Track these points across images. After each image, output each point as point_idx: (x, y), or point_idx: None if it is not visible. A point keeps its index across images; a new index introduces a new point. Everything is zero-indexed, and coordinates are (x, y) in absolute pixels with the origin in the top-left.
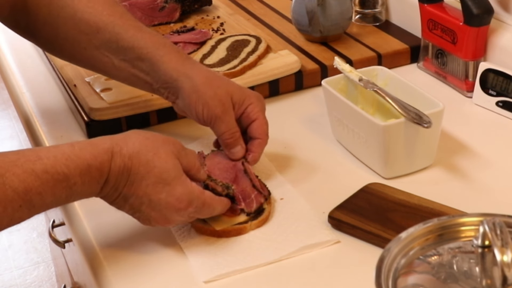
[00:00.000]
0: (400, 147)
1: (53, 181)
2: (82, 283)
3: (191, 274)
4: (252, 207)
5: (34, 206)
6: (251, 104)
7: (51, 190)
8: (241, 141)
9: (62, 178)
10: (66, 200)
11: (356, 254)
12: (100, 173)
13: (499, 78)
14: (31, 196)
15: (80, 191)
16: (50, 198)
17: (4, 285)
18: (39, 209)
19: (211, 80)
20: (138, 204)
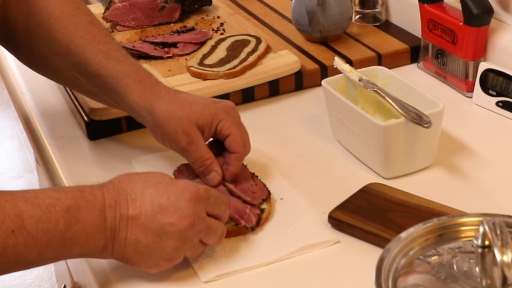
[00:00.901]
0: (400, 147)
1: (44, 204)
2: (82, 283)
3: (191, 274)
4: (252, 221)
5: (29, 233)
6: (220, 122)
7: (44, 214)
8: (214, 167)
9: (54, 202)
10: (65, 229)
11: (356, 254)
12: (94, 196)
13: (499, 78)
14: (23, 220)
15: (77, 217)
16: (45, 224)
17: (4, 285)
18: (36, 239)
19: (171, 113)
20: (152, 217)
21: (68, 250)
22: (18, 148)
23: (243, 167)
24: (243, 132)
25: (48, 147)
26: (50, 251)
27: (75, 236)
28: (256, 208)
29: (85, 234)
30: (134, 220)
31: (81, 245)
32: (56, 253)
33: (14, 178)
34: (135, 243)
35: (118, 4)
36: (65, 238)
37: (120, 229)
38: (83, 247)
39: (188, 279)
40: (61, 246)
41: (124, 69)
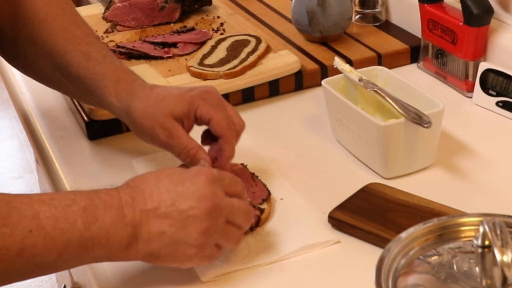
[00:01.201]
0: (400, 147)
1: (61, 205)
2: (82, 283)
3: (191, 274)
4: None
5: (47, 233)
6: (197, 109)
7: (61, 214)
8: (201, 155)
9: (70, 202)
10: (85, 229)
11: (356, 254)
12: (109, 196)
13: (499, 78)
14: (40, 219)
15: (96, 216)
16: (63, 224)
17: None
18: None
19: (146, 110)
20: (171, 205)
21: (89, 250)
22: (18, 148)
23: (243, 167)
24: (225, 114)
25: (48, 147)
26: (70, 251)
27: (95, 236)
28: (255, 209)
29: (105, 232)
30: (154, 212)
31: (102, 245)
32: (76, 254)
33: (14, 178)
34: (160, 235)
35: (118, 4)
36: (84, 237)
37: (141, 223)
38: (105, 247)
39: (188, 279)
40: (82, 246)
41: (102, 70)
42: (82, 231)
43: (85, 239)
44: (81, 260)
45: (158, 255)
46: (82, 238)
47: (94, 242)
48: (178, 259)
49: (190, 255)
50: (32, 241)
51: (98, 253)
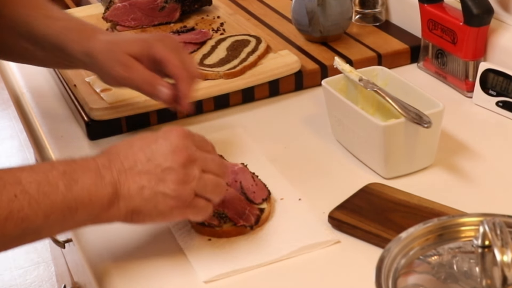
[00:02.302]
0: (400, 147)
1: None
2: (82, 283)
3: (191, 274)
4: (251, 221)
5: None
6: (152, 48)
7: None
8: (159, 82)
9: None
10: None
11: (356, 254)
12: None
13: (499, 78)
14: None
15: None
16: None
17: (4, 285)
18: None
19: (105, 49)
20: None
21: (73, 212)
22: (18, 148)
23: (243, 167)
24: (180, 57)
25: (48, 147)
26: (55, 214)
27: (77, 196)
28: (255, 208)
29: (86, 193)
30: (132, 170)
31: (85, 205)
32: (62, 216)
33: None
34: (139, 190)
35: (118, 4)
36: (67, 199)
37: (120, 182)
38: (88, 207)
39: (188, 279)
40: (66, 207)
41: (66, 24)
42: (64, 193)
43: (68, 200)
44: (67, 224)
45: (140, 211)
46: (65, 199)
47: (77, 203)
48: (159, 213)
49: (171, 206)
50: (18, 205)
51: (82, 215)
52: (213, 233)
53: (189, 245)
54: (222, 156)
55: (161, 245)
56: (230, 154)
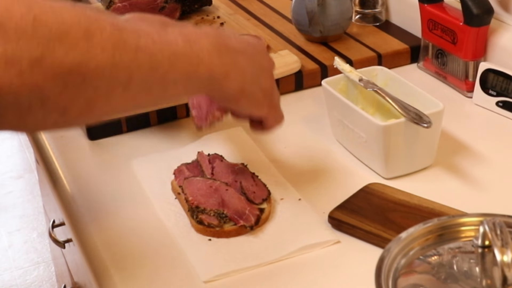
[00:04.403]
0: (400, 147)
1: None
2: (82, 283)
3: (191, 274)
4: (251, 221)
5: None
6: None
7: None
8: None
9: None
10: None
11: (356, 254)
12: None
13: (499, 78)
14: (144, 29)
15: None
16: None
17: (4, 285)
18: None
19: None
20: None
21: (195, 67)
22: (18, 148)
23: (243, 167)
24: None
25: (48, 147)
26: (180, 62)
27: (197, 54)
28: (255, 208)
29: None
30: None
31: (206, 64)
32: (186, 68)
33: (14, 178)
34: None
35: (118, 4)
36: (189, 53)
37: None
38: (209, 67)
39: (188, 279)
40: (188, 61)
41: None
42: (185, 47)
43: (190, 55)
44: (190, 80)
45: (246, 91)
46: (187, 53)
47: (199, 60)
48: (257, 101)
49: (265, 99)
50: (144, 41)
51: (203, 73)
52: (213, 233)
53: (189, 245)
54: (222, 156)
55: (161, 245)
56: (230, 154)
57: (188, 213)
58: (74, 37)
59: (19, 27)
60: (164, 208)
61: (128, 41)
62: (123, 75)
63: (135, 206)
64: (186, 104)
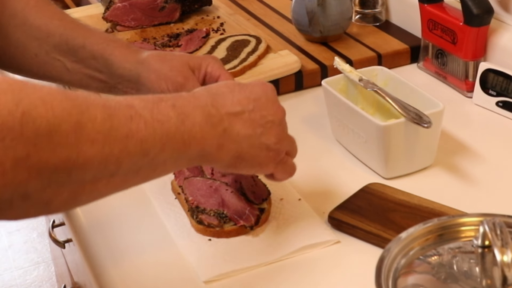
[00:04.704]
0: (400, 147)
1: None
2: (82, 283)
3: (191, 274)
4: (251, 221)
5: (147, 121)
6: (209, 65)
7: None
8: None
9: (158, 99)
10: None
11: (356, 254)
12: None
13: (499, 78)
14: (137, 110)
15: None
16: (158, 115)
17: (4, 285)
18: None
19: (163, 57)
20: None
21: (187, 146)
22: None
23: None
24: (231, 75)
25: None
26: (171, 143)
27: (190, 130)
28: (255, 208)
29: (198, 128)
30: (241, 116)
31: (198, 141)
32: (177, 148)
33: None
34: (248, 137)
35: (118, 4)
36: (181, 131)
37: (231, 125)
38: (200, 144)
39: (188, 279)
40: (180, 139)
41: (108, 36)
42: (177, 124)
43: (181, 133)
44: (180, 159)
45: (244, 157)
46: (179, 131)
47: (190, 137)
48: (259, 162)
49: (269, 158)
50: (135, 126)
51: (194, 151)
52: (213, 233)
53: (189, 245)
54: None
55: (161, 245)
56: None
57: (188, 213)
58: (64, 132)
59: (5, 124)
60: (164, 208)
61: (119, 129)
62: (112, 165)
63: (135, 206)
64: None
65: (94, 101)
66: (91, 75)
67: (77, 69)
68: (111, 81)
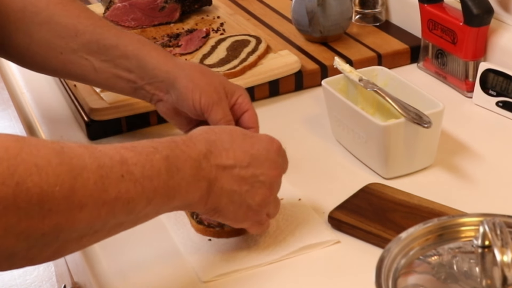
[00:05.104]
0: (400, 147)
1: (145, 152)
2: (82, 283)
3: (191, 274)
4: None
5: (137, 179)
6: (241, 96)
7: (146, 161)
8: None
9: (152, 150)
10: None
11: (356, 254)
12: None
13: (499, 78)
14: (129, 166)
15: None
16: (149, 171)
17: (4, 285)
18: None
19: (203, 70)
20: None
21: (171, 200)
22: None
23: None
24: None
25: None
26: (157, 199)
27: (177, 185)
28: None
29: (185, 183)
30: (231, 171)
31: (182, 195)
32: (161, 202)
33: None
34: (230, 192)
35: (118, 4)
36: (168, 186)
37: (216, 179)
38: (183, 197)
39: (188, 279)
40: (166, 195)
41: (142, 38)
42: (166, 180)
43: (168, 188)
44: (161, 210)
45: (222, 210)
46: (166, 186)
47: (176, 192)
48: (235, 218)
49: (247, 216)
50: (125, 186)
51: (176, 203)
52: (213, 233)
53: (189, 245)
54: None
55: (161, 245)
56: None
57: (188, 213)
58: (56, 199)
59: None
60: None
61: (109, 190)
62: (98, 225)
63: None
64: None
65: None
66: (119, 75)
67: (104, 68)
68: (141, 81)
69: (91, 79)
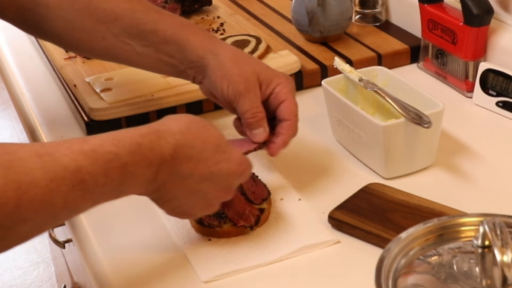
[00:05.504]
0: (400, 147)
1: (102, 159)
2: (82, 283)
3: (191, 274)
4: (251, 221)
5: (87, 188)
6: (279, 84)
7: (102, 169)
8: (264, 123)
9: (112, 157)
10: (119, 184)
11: (356, 254)
12: (152, 151)
13: (499, 78)
14: (82, 175)
15: (133, 172)
16: (102, 179)
17: (4, 285)
18: (93, 192)
19: (237, 57)
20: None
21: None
22: None
23: None
24: (296, 102)
25: None
26: (103, 201)
27: (126, 191)
28: (255, 209)
29: (135, 186)
30: (183, 179)
31: (128, 193)
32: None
33: None
34: (173, 199)
35: None
36: (117, 191)
37: (167, 182)
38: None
39: (188, 279)
40: (113, 196)
41: (182, 21)
42: (117, 187)
43: (117, 192)
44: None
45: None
46: (115, 191)
47: (123, 194)
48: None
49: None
50: (74, 195)
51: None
52: (213, 233)
53: (189, 245)
54: None
55: (160, 245)
56: None
57: None
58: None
59: None
60: None
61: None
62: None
63: (135, 207)
64: (186, 104)
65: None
66: (161, 59)
67: (147, 53)
68: (182, 66)
69: (136, 63)
